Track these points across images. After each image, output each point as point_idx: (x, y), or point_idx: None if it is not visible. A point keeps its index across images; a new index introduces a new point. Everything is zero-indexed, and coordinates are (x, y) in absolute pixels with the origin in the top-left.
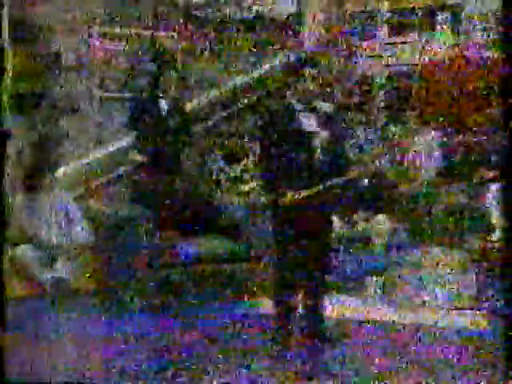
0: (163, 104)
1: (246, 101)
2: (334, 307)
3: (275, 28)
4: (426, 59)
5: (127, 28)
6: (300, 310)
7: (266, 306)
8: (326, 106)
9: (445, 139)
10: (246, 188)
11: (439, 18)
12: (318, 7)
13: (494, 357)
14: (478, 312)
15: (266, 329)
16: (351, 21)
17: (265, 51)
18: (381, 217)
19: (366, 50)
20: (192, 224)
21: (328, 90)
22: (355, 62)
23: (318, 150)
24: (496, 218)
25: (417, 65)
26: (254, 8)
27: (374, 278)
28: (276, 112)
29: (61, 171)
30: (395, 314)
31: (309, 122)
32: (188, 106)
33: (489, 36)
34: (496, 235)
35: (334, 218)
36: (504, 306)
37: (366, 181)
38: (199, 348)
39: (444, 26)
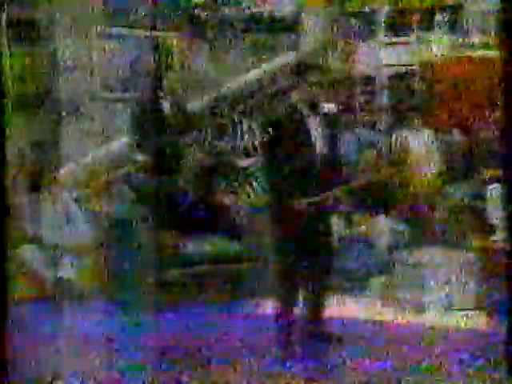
0: (165, 104)
1: (247, 102)
2: (335, 307)
3: (275, 28)
4: (426, 60)
5: (127, 28)
6: (301, 310)
7: (267, 306)
8: (330, 107)
9: (445, 139)
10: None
11: (439, 18)
12: (318, 7)
13: (494, 357)
14: (478, 312)
15: (266, 329)
16: (351, 21)
17: (265, 51)
18: (381, 217)
19: (365, 50)
20: (192, 224)
21: (330, 90)
22: (355, 63)
23: (320, 153)
24: (496, 217)
25: (416, 65)
26: (254, 8)
27: (375, 278)
28: (281, 115)
29: (62, 171)
30: (395, 314)
31: (314, 126)
32: (190, 107)
33: (490, 35)
34: (496, 235)
35: (335, 219)
36: (505, 305)
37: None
38: (199, 348)
39: (443, 26)
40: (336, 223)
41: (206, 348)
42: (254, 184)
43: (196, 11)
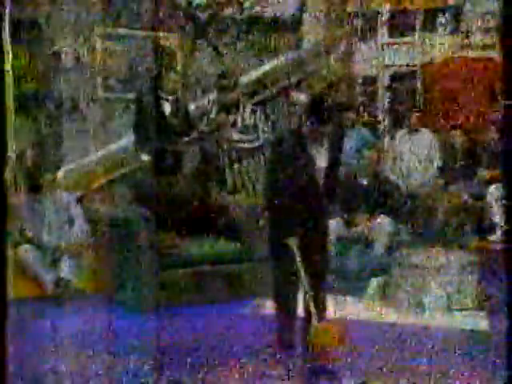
0: (166, 105)
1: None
2: (334, 307)
3: (275, 28)
4: (427, 60)
5: (127, 28)
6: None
7: (267, 306)
8: (302, 96)
9: (445, 139)
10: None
11: (440, 18)
12: (319, 7)
13: (494, 357)
14: (478, 312)
15: (266, 329)
16: (352, 21)
17: (266, 52)
18: (381, 217)
19: (366, 50)
20: (192, 224)
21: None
22: (355, 63)
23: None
24: (496, 217)
25: (418, 66)
26: (255, 8)
27: (375, 279)
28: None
29: (62, 172)
30: (395, 314)
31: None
32: (191, 107)
33: (491, 36)
34: (496, 235)
35: (333, 221)
36: (504, 306)
37: (366, 181)
38: (199, 348)
39: (444, 27)
40: (335, 223)
41: (206, 348)
42: (255, 182)
43: (196, 11)
